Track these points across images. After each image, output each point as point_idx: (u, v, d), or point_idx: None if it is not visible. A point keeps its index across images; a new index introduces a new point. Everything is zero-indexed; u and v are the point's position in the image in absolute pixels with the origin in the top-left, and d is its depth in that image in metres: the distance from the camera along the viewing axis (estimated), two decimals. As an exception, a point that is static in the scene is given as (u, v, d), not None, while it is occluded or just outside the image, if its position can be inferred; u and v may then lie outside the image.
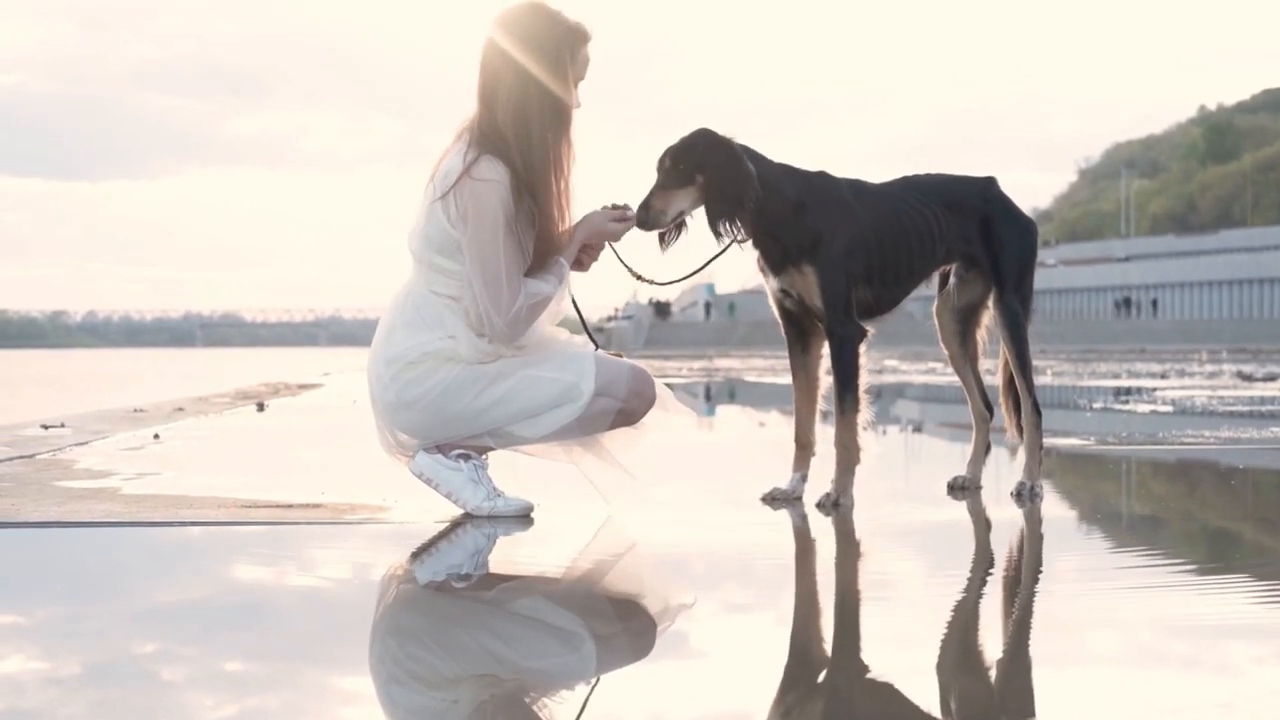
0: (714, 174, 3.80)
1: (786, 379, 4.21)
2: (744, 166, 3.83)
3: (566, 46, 3.65)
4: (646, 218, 3.81)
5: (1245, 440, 6.43)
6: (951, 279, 4.34)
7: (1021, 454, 4.34)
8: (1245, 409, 9.27)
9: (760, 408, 11.03)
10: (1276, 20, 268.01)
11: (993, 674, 2.23)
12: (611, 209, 3.82)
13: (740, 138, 3.89)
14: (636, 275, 3.98)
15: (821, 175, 4.02)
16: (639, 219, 3.81)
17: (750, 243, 3.95)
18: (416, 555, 3.27)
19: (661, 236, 3.89)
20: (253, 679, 2.15)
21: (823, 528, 3.72)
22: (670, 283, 4.09)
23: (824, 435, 4.15)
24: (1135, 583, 2.95)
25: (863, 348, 3.99)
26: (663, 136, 3.90)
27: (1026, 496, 4.20)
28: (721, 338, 53.09)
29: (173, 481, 4.52)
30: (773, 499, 4.08)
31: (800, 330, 4.10)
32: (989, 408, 4.47)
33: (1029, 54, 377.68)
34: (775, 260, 3.96)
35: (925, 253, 4.11)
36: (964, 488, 4.39)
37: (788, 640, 2.46)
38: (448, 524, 3.63)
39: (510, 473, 3.94)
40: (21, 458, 5.21)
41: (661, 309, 65.25)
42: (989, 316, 4.33)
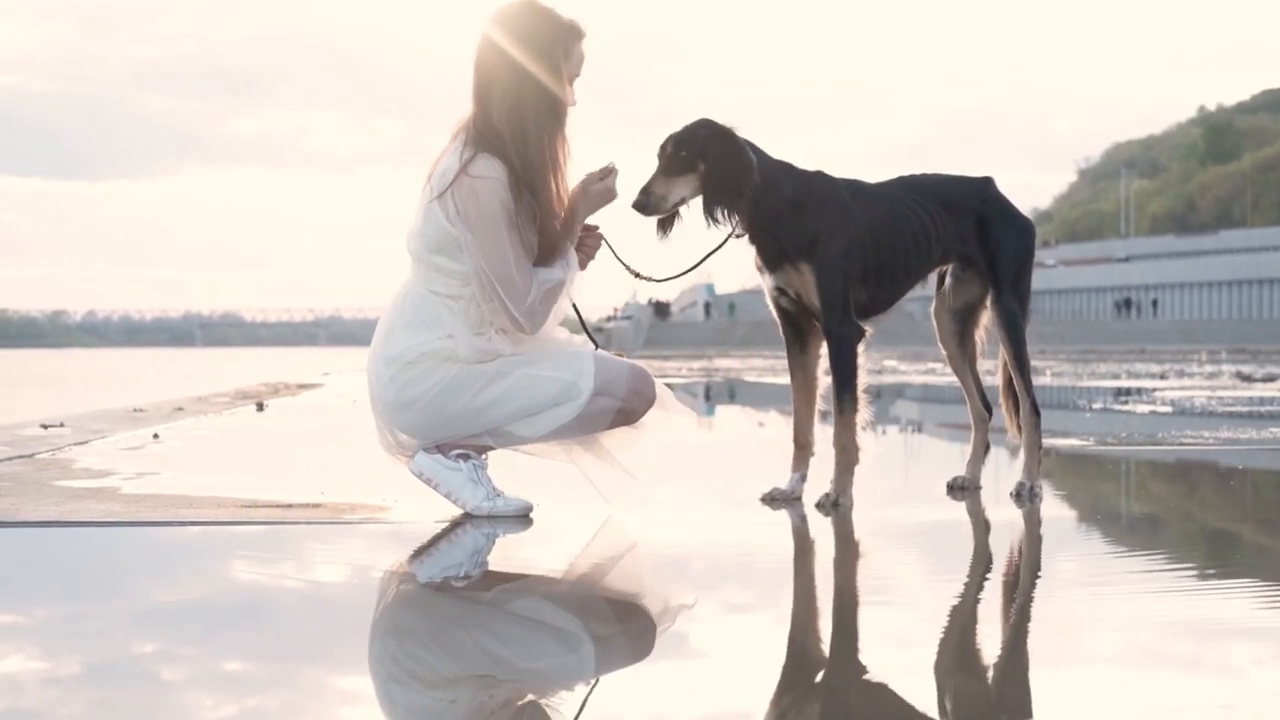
0: (714, 162, 3.80)
1: (786, 379, 4.21)
2: (745, 156, 3.83)
3: (560, 43, 3.65)
4: (646, 202, 3.81)
5: (1244, 441, 6.43)
6: (948, 279, 4.34)
7: (1021, 454, 4.34)
8: (1244, 409, 9.27)
9: (760, 408, 11.03)
10: (1276, 21, 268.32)
11: (992, 675, 2.23)
12: (595, 171, 3.76)
13: (742, 131, 3.89)
14: (635, 273, 3.98)
15: (819, 175, 4.03)
16: (638, 203, 3.80)
17: (747, 238, 3.95)
18: (416, 555, 3.27)
19: (660, 224, 3.89)
20: (252, 679, 2.15)
21: (822, 528, 3.72)
22: (668, 279, 4.08)
23: (823, 435, 4.15)
24: (1134, 583, 2.95)
25: (861, 347, 3.99)
26: (662, 136, 3.89)
27: (1026, 497, 4.20)
28: (721, 338, 53.09)
29: (172, 481, 4.52)
30: (772, 499, 4.08)
31: (798, 330, 4.10)
32: (988, 408, 4.47)
33: (1029, 54, 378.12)
34: (771, 257, 3.96)
35: (922, 253, 4.11)
36: (963, 488, 4.39)
37: (787, 641, 2.46)
38: (447, 524, 3.63)
39: (510, 473, 3.94)
40: (21, 457, 5.21)
41: (661, 309, 65.17)
42: (987, 317, 4.33)
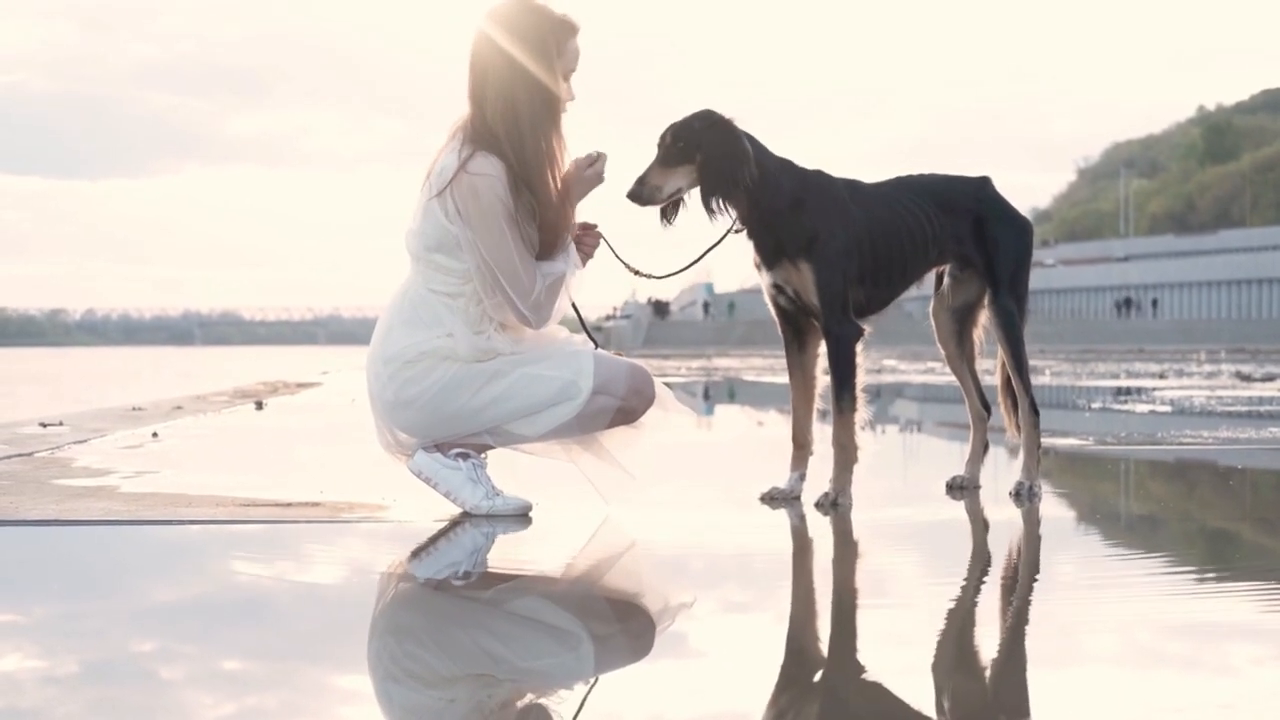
0: (710, 152, 3.80)
1: (785, 378, 4.21)
2: (741, 146, 3.83)
3: (553, 39, 3.64)
4: (641, 193, 3.81)
5: (1243, 440, 6.43)
6: (946, 279, 4.34)
7: (1020, 454, 4.34)
8: (1244, 409, 9.27)
9: (759, 407, 11.03)
10: (1276, 21, 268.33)
11: (990, 674, 2.23)
12: (583, 158, 3.75)
13: (745, 124, 3.89)
14: (634, 270, 3.98)
15: (819, 174, 4.03)
16: (633, 193, 3.81)
17: (745, 233, 3.95)
18: (415, 554, 3.27)
19: (663, 212, 3.89)
20: (251, 677, 2.15)
21: (821, 527, 3.72)
22: (667, 275, 4.08)
23: (822, 434, 4.15)
24: (1133, 583, 2.95)
25: (860, 346, 3.99)
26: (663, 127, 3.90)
27: (1025, 496, 4.20)
28: (720, 337, 53.07)
29: (171, 480, 4.52)
30: (771, 498, 4.08)
31: (797, 329, 4.10)
32: (986, 407, 4.47)
33: (1028, 54, 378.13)
34: (769, 254, 3.96)
35: (919, 253, 4.11)
36: (962, 487, 4.39)
37: (786, 640, 2.46)
38: (446, 523, 3.63)
39: (509, 472, 3.94)
40: (20, 455, 5.21)
41: (660, 308, 65.09)
42: (985, 316, 4.32)
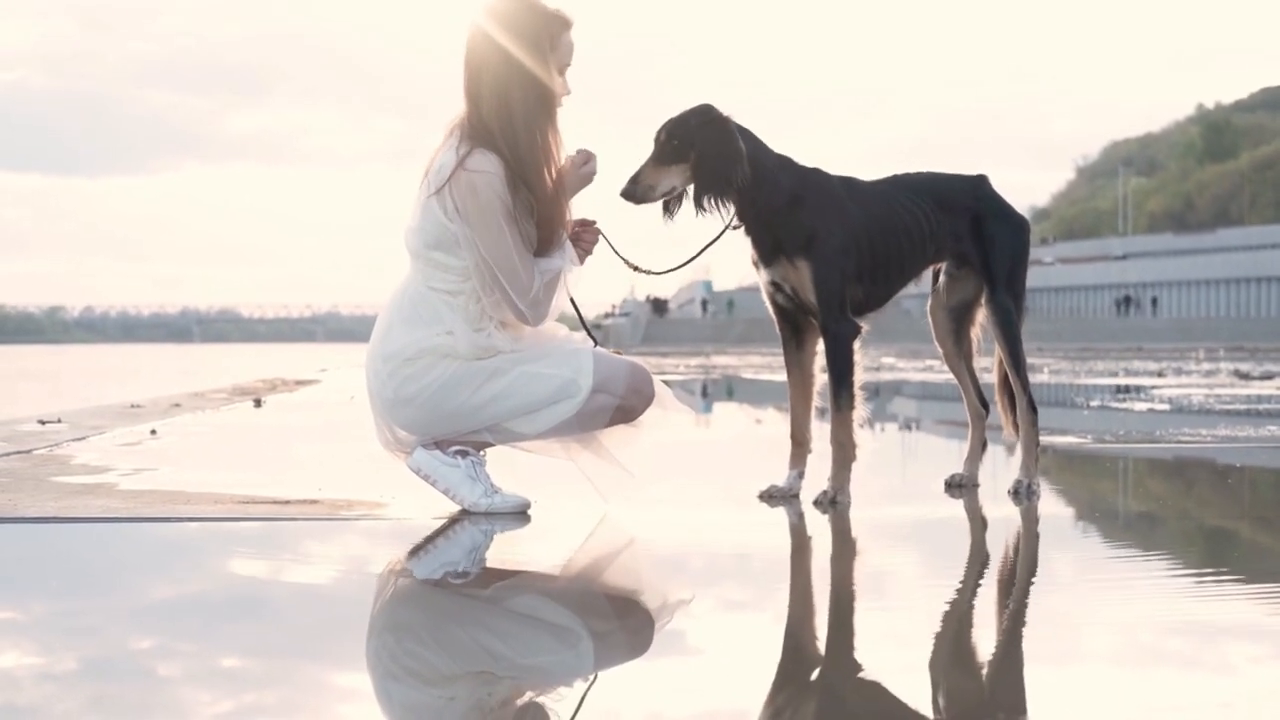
0: (705, 150, 3.80)
1: (783, 376, 4.21)
2: (735, 145, 3.82)
3: (547, 33, 3.64)
4: (634, 191, 3.81)
5: (1242, 438, 6.43)
6: (943, 277, 4.33)
7: (1018, 452, 4.34)
8: (1242, 407, 9.27)
9: (757, 405, 11.03)
10: (1275, 20, 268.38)
11: (988, 673, 2.23)
12: (574, 156, 3.75)
13: (743, 121, 3.88)
14: (633, 266, 3.98)
15: (816, 171, 4.02)
16: (626, 191, 3.80)
17: (743, 229, 3.95)
18: (414, 552, 3.27)
19: (665, 206, 3.89)
20: (250, 675, 2.15)
21: (820, 525, 3.72)
22: (665, 272, 4.08)
23: (820, 432, 4.15)
24: (1132, 581, 2.96)
25: (857, 344, 3.99)
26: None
27: (1023, 494, 4.20)
28: (719, 335, 53.06)
29: (169, 477, 4.52)
30: (770, 496, 4.08)
31: (795, 327, 4.10)
32: (984, 405, 4.47)
33: (1027, 53, 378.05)
34: (767, 251, 3.95)
35: (916, 251, 4.11)
36: (961, 485, 4.39)
37: (784, 637, 2.46)
38: (445, 520, 3.63)
39: (508, 469, 3.94)
40: (18, 453, 5.21)
41: (659, 306, 65.07)
42: (983, 314, 4.32)
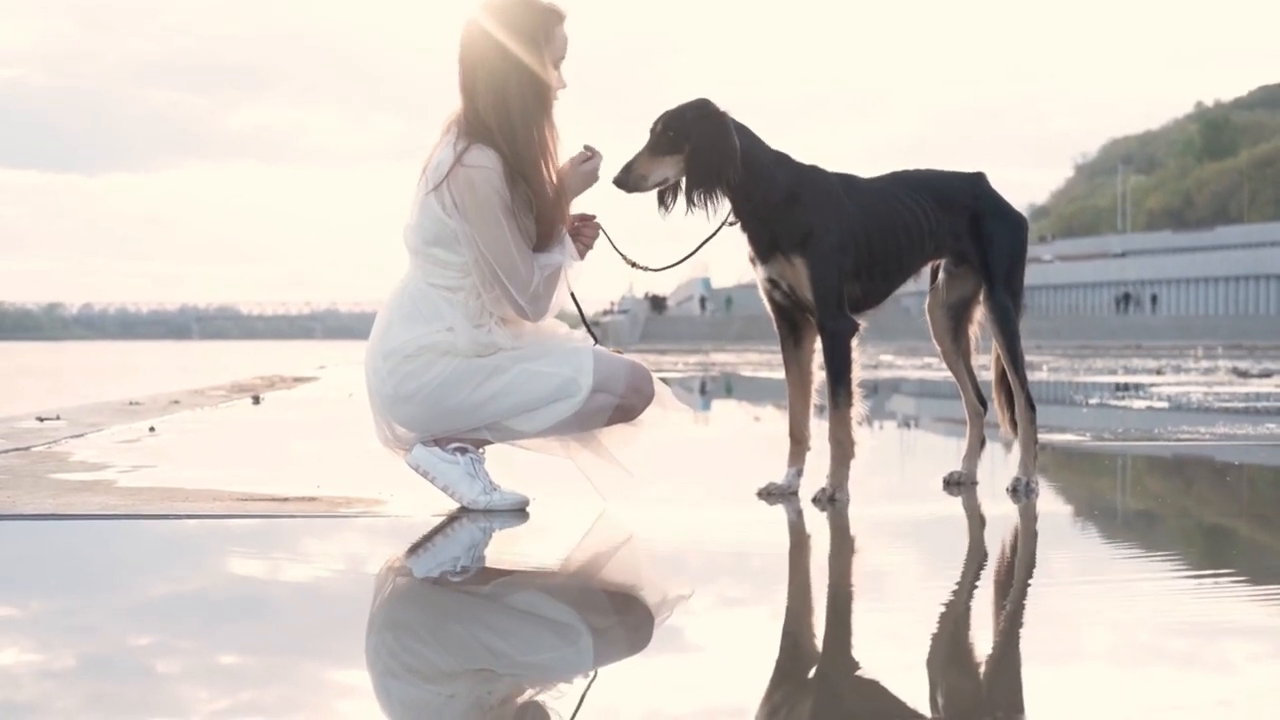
0: (699, 144, 3.80)
1: (781, 374, 4.21)
2: (730, 142, 3.82)
3: (541, 27, 3.64)
4: (626, 180, 3.81)
5: (1240, 436, 6.43)
6: (941, 274, 4.33)
7: (1017, 449, 4.34)
8: (1241, 405, 9.28)
9: (756, 402, 11.03)
10: (1274, 18, 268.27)
11: (987, 671, 2.23)
12: (577, 155, 3.77)
13: (740, 116, 3.88)
14: (631, 262, 3.98)
15: (814, 168, 4.02)
16: (619, 179, 3.81)
17: (740, 226, 3.95)
18: (413, 549, 3.27)
19: (660, 198, 3.89)
20: (248, 672, 2.15)
21: (818, 523, 3.72)
22: (663, 268, 4.08)
23: (819, 430, 4.15)
24: (1130, 579, 2.96)
25: (855, 342, 3.99)
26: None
27: (1022, 492, 4.20)
28: (717, 332, 53.04)
29: (168, 474, 4.52)
30: (768, 494, 4.09)
31: (792, 324, 4.10)
32: (983, 403, 4.47)
33: (1026, 52, 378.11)
34: (764, 248, 3.95)
35: (914, 248, 4.11)
36: (959, 483, 4.39)
37: (783, 635, 2.46)
38: (444, 518, 3.63)
39: (507, 467, 3.94)
40: (17, 450, 5.21)
41: (657, 303, 65.03)
42: (981, 312, 4.32)
